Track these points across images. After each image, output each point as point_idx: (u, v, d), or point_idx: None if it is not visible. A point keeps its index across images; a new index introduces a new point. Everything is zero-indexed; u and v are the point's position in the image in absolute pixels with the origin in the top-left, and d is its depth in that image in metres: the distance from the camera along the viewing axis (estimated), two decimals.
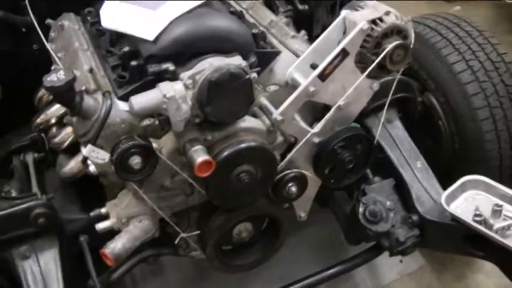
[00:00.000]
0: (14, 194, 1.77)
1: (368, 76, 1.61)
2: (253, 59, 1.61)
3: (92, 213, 1.63)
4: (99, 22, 1.73)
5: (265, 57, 1.65)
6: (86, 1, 1.90)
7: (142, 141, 1.42)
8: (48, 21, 1.94)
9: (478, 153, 1.99)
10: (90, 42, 1.78)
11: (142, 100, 1.41)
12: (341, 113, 1.66)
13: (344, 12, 1.61)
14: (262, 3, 1.99)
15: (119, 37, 1.67)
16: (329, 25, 1.65)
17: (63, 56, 1.78)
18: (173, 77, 1.49)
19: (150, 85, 1.48)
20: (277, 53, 1.68)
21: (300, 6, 2.30)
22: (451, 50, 2.04)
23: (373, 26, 1.55)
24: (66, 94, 1.46)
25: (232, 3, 1.93)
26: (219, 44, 1.52)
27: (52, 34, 1.89)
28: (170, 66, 1.50)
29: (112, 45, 1.71)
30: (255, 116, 1.62)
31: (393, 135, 1.93)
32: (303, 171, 1.66)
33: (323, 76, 1.57)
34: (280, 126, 1.59)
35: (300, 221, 1.87)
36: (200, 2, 1.60)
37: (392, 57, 1.58)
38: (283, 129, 1.62)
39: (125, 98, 1.52)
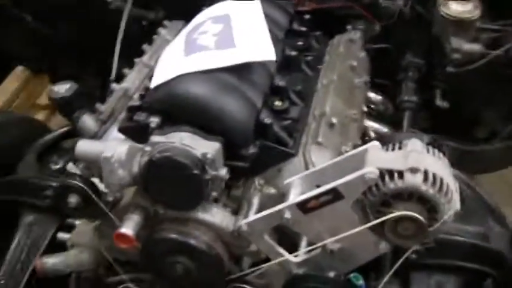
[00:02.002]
0: None
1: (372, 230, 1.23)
2: (252, 150, 1.35)
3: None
4: None
5: (271, 154, 1.37)
6: None
7: (81, 184, 1.35)
8: (165, 22, 1.92)
9: None
10: None
11: (86, 146, 1.33)
12: (333, 256, 1.31)
13: (369, 144, 1.24)
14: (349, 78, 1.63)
15: None
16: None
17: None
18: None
19: (142, 131, 1.39)
20: (288, 154, 1.37)
21: (439, 102, 1.86)
22: None
23: (387, 179, 1.16)
24: (64, 108, 1.47)
25: (321, 73, 1.64)
26: (203, 121, 1.32)
27: (154, 37, 1.87)
28: (153, 124, 1.36)
29: None
30: (237, 210, 1.40)
31: None
32: None
33: (305, 208, 1.25)
34: (245, 236, 1.34)
35: None
36: (238, 62, 1.39)
37: (397, 227, 1.17)
38: (251, 241, 1.36)
39: (123, 131, 1.45)
